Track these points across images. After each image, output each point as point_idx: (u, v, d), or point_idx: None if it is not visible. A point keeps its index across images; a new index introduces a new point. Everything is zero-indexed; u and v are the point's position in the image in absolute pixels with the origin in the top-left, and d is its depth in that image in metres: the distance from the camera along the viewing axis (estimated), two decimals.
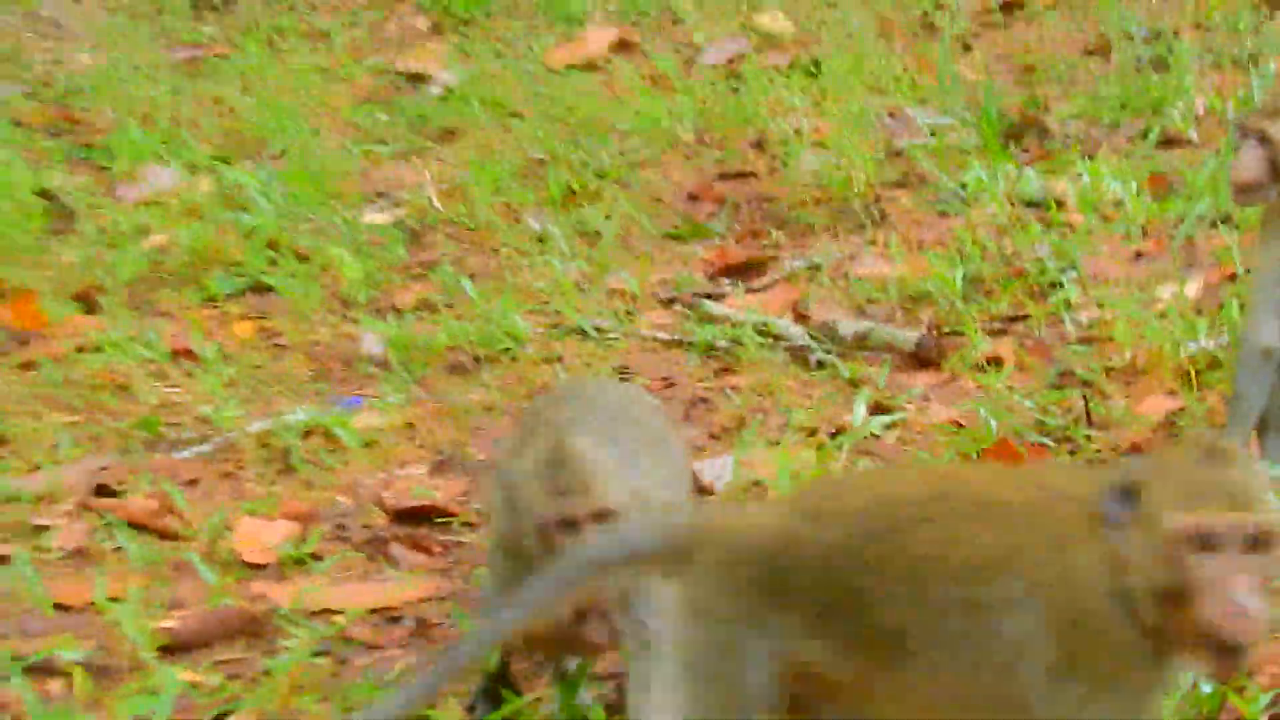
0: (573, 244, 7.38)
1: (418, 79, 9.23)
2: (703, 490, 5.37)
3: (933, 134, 8.03)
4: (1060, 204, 7.20)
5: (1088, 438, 5.59)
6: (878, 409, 5.90)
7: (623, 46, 9.45)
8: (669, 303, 6.90)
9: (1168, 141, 7.71)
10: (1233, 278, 6.50)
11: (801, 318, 6.61)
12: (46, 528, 5.65)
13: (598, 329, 6.72)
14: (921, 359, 6.24)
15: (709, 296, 6.90)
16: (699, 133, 8.33)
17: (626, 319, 6.78)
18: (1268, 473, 4.45)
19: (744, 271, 7.08)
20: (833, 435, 5.76)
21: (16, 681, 4.66)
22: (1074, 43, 9.04)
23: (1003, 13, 9.51)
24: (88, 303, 7.21)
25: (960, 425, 5.77)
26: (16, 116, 8.99)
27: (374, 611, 5.14)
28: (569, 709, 4.48)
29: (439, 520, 5.61)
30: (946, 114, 8.20)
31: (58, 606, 5.18)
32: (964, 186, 7.45)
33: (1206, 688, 4.18)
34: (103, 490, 5.84)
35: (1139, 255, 6.84)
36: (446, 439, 6.11)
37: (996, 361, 6.14)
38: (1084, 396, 5.78)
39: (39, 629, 5.07)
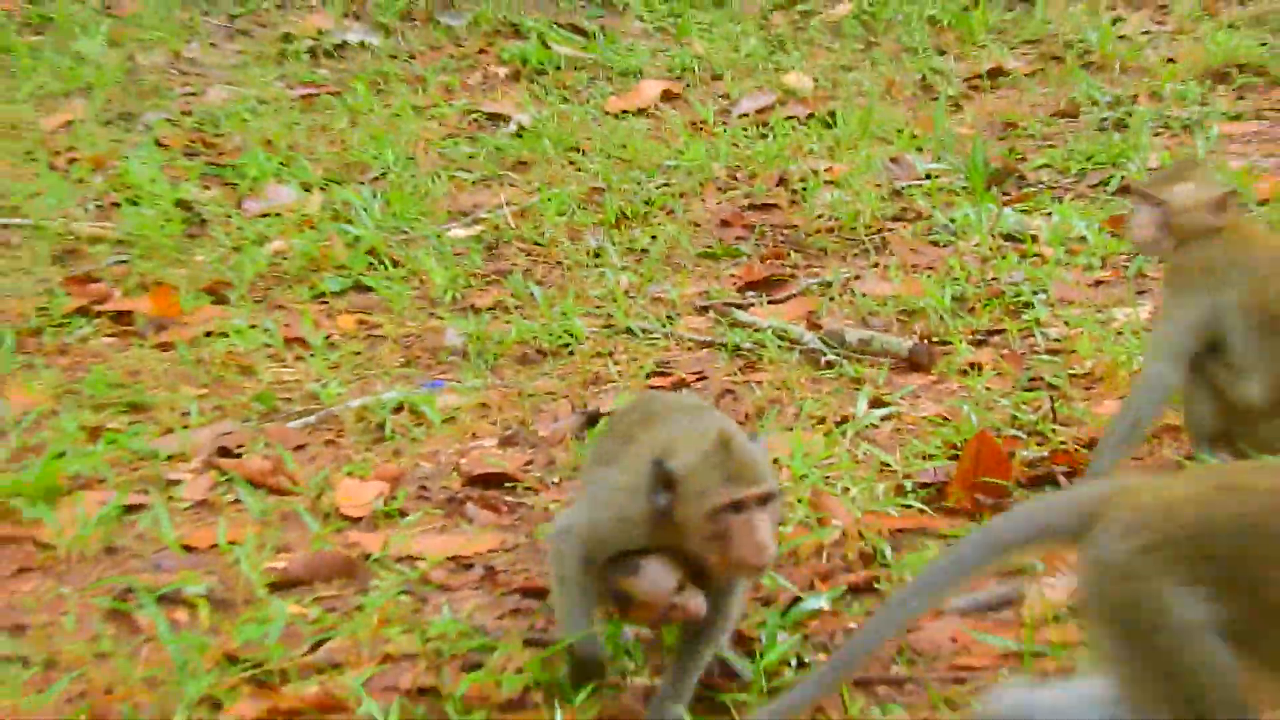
0: (624, 259, 7.37)
1: (497, 118, 9.22)
2: None
3: (928, 177, 8.01)
4: (1034, 238, 7.17)
5: (1053, 432, 5.55)
6: (876, 403, 5.87)
7: (670, 97, 9.44)
8: (703, 310, 6.88)
9: (1125, 189, 7.65)
10: None
11: (814, 326, 6.58)
12: (177, 481, 5.68)
13: (643, 330, 6.70)
14: (914, 363, 6.21)
15: (737, 306, 6.87)
16: (731, 170, 8.32)
17: (667, 322, 6.76)
18: None
19: (767, 286, 7.06)
20: (838, 424, 5.73)
21: (150, 609, 4.68)
22: (1048, 106, 9.00)
23: (989, 79, 9.47)
24: (217, 296, 7.25)
25: (946, 419, 5.74)
26: (161, 139, 9.01)
27: (450, 559, 5.13)
28: (613, 644, 4.46)
29: (506, 485, 5.60)
30: (940, 161, 8.18)
31: (186, 548, 5.21)
32: (953, 221, 7.42)
33: None
34: (225, 452, 5.87)
35: (1099, 283, 6.80)
36: (514, 418, 6.08)
37: (977, 367, 6.11)
38: (1051, 398, 5.74)
39: (170, 566, 5.09)
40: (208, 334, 6.85)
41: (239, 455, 5.85)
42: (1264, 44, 9.30)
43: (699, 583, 4.16)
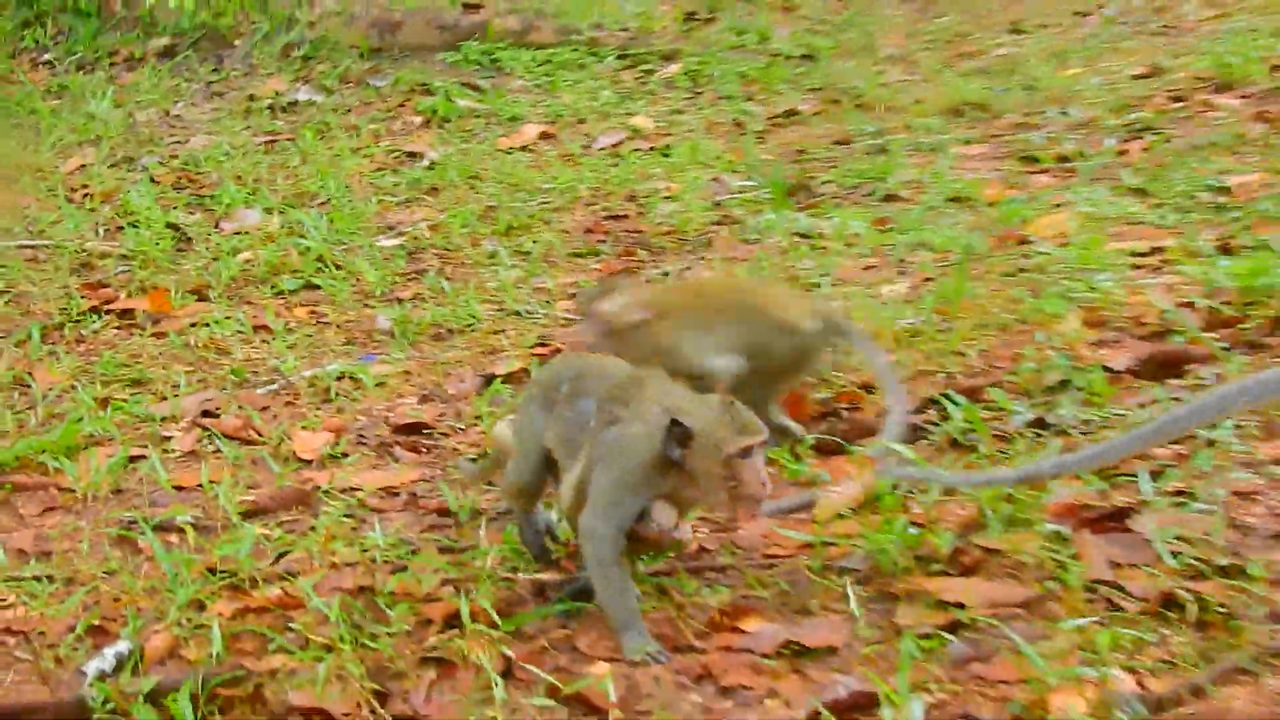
0: (513, 259, 7.29)
1: (414, 155, 9.12)
2: None
3: (741, 192, 7.97)
4: (821, 235, 7.14)
5: (836, 377, 5.52)
6: None
7: (546, 136, 9.37)
8: (573, 296, 6.81)
9: (888, 197, 7.67)
10: (926, 280, 6.44)
11: None
12: (170, 437, 5.60)
13: (528, 312, 6.63)
14: None
15: None
16: (593, 191, 8.25)
17: (547, 306, 6.69)
18: None
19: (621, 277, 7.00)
20: None
21: (149, 535, 4.64)
22: (829, 137, 8.98)
23: (785, 118, 9.45)
24: (200, 295, 7.13)
25: None
26: (154, 177, 8.87)
27: (382, 489, 5.08)
28: (510, 546, 4.41)
29: (424, 432, 5.53)
30: (749, 180, 8.13)
31: (177, 487, 5.16)
32: (760, 224, 7.38)
33: (912, 529, 4.15)
34: (207, 413, 5.79)
35: (869, 267, 6.77)
36: (430, 381, 6.01)
37: None
38: (834, 353, 5.71)
39: (164, 501, 5.04)
40: (193, 324, 6.74)
41: (218, 416, 5.76)
42: (988, 88, 9.34)
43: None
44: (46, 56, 11.07)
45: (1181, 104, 8.55)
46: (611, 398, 4.08)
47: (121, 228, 8.03)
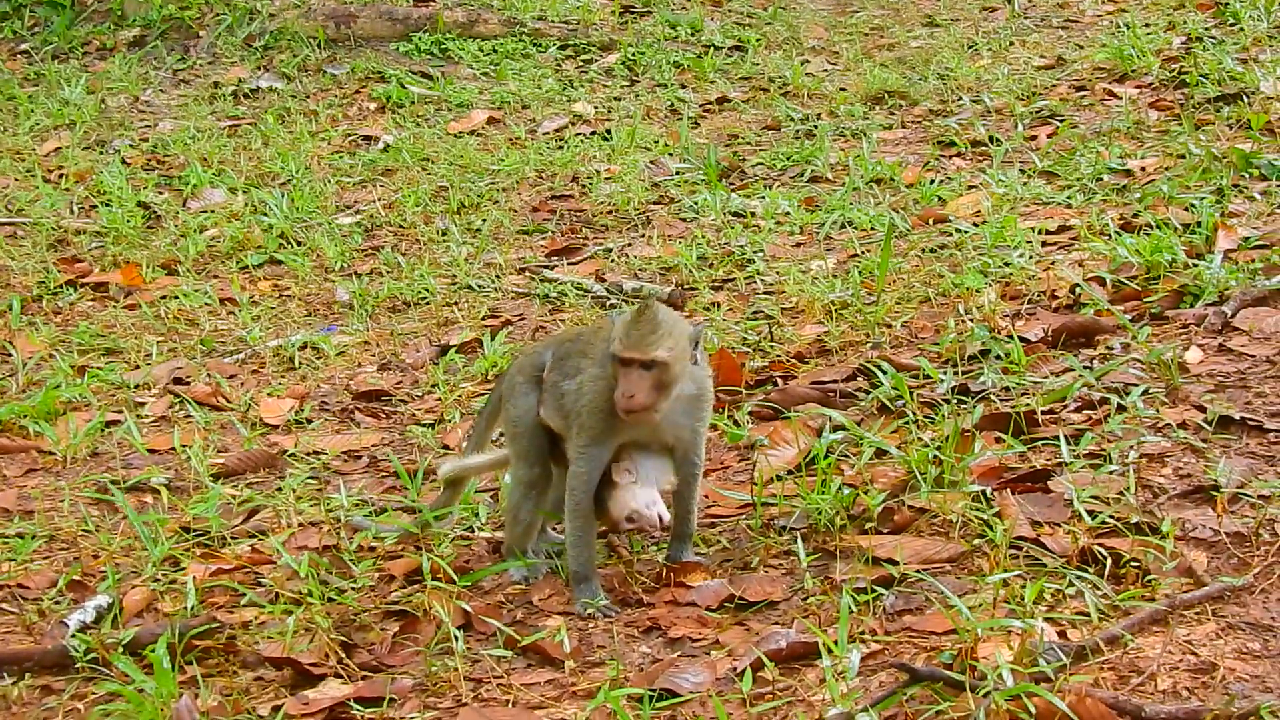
0: (464, 236, 7.19)
1: (370, 139, 8.97)
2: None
3: (678, 174, 7.88)
4: (753, 214, 7.08)
5: (771, 348, 5.48)
6: None
7: (493, 121, 9.24)
8: (521, 271, 6.74)
9: (814, 179, 7.61)
10: (852, 257, 6.39)
11: (600, 280, 6.46)
12: (144, 403, 5.53)
13: (479, 286, 6.54)
14: (672, 303, 6.06)
15: (546, 267, 6.73)
16: (539, 172, 8.14)
17: (496, 280, 6.61)
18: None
19: (566, 253, 6.93)
20: None
21: (122, 497, 4.54)
22: (759, 122, 8.90)
23: (717, 105, 9.36)
24: (169, 269, 7.00)
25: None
26: (126, 159, 8.68)
27: (344, 452, 5.03)
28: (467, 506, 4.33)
29: (383, 398, 5.48)
30: (685, 162, 8.05)
31: (151, 450, 5.11)
32: (696, 204, 7.31)
33: (846, 490, 4.09)
34: (178, 381, 5.72)
35: (799, 244, 6.74)
36: (388, 350, 5.93)
37: (717, 304, 6.03)
38: (768, 325, 5.68)
39: (139, 464, 4.98)
40: (163, 297, 6.62)
41: (188, 383, 5.67)
42: (906, 77, 9.29)
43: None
44: (23, 47, 10.84)
45: (1084, 93, 8.53)
46: (578, 353, 3.97)
47: (95, 206, 7.86)
